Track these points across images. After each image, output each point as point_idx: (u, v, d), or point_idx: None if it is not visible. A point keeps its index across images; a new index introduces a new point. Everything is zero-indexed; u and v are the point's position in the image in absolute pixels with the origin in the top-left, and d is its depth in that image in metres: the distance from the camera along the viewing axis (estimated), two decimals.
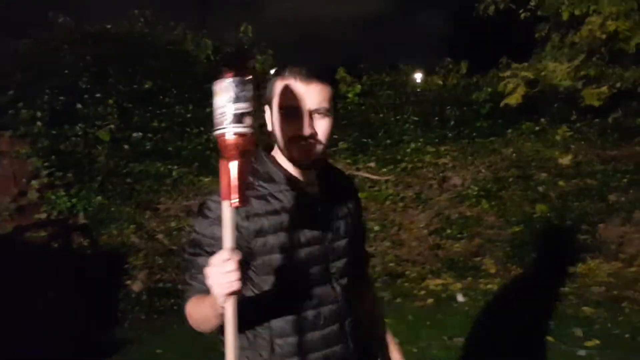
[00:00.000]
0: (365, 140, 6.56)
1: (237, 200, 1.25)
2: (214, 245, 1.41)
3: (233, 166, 1.26)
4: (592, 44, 5.34)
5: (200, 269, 1.38)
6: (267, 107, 1.52)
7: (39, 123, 5.78)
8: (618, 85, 5.51)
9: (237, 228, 1.36)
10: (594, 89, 5.49)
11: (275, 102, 1.49)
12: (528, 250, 6.40)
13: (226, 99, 1.25)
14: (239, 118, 1.25)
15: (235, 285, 1.24)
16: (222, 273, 1.25)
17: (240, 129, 1.25)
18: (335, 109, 1.53)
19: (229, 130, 1.25)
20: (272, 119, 1.51)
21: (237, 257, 1.25)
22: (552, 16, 5.83)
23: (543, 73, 5.50)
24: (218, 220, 1.38)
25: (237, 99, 1.24)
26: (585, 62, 5.49)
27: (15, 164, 5.83)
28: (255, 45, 7.22)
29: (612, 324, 4.54)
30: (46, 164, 5.83)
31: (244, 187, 1.28)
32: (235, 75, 1.25)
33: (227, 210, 1.27)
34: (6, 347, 4.56)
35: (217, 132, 1.27)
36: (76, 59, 6.03)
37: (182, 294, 1.50)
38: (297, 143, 1.48)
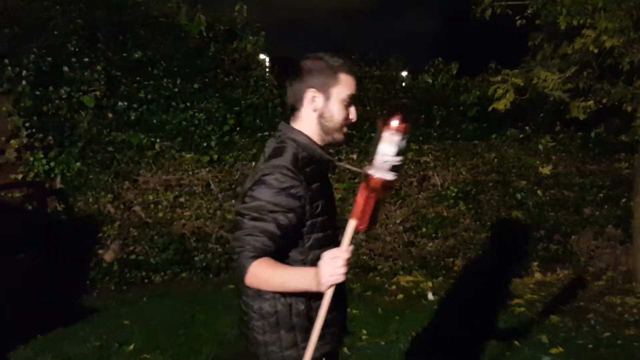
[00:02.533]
0: (349, 131, 6.53)
1: (364, 226, 1.58)
2: (277, 212, 1.65)
3: (373, 201, 1.55)
4: (584, 57, 5.38)
5: (264, 232, 1.64)
6: (319, 93, 1.79)
7: (23, 82, 5.63)
8: (604, 100, 5.57)
9: (299, 195, 1.69)
10: (580, 102, 5.55)
11: (341, 91, 1.81)
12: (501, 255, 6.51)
13: (392, 150, 1.51)
14: (395, 168, 1.53)
15: (342, 278, 1.53)
16: (335, 267, 1.52)
17: (392, 177, 1.53)
18: None
19: (386, 175, 1.53)
20: (330, 104, 1.80)
21: (348, 256, 1.54)
22: (547, 26, 5.87)
23: (534, 81, 5.53)
24: (283, 191, 1.66)
25: (398, 153, 1.52)
26: (576, 74, 5.54)
27: None
28: (249, 26, 7.13)
29: (576, 334, 4.67)
30: (27, 124, 5.70)
31: (374, 218, 1.59)
32: (404, 132, 1.52)
33: (352, 227, 1.58)
34: None
35: (377, 174, 1.53)
36: (67, 20, 5.86)
37: (240, 251, 1.66)
38: (346, 126, 1.87)
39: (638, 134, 5.57)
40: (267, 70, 7.02)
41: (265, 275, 1.63)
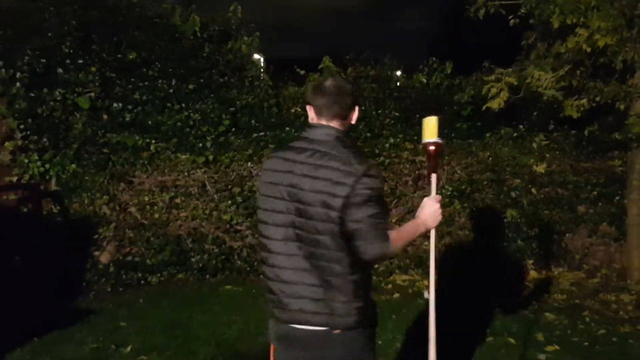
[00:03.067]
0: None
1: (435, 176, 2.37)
2: (381, 196, 2.11)
3: (438, 159, 2.41)
4: (577, 56, 5.41)
5: (385, 213, 2.10)
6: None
7: (18, 84, 5.64)
8: (597, 99, 5.60)
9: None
10: (574, 101, 5.58)
11: None
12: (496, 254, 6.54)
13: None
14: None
15: (440, 219, 2.27)
16: (437, 211, 2.25)
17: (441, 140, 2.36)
18: None
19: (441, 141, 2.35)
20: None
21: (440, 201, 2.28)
22: (541, 25, 5.90)
23: (527, 80, 5.56)
24: (382, 180, 2.22)
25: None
26: (569, 73, 5.56)
27: None
28: (243, 27, 7.13)
29: (572, 331, 4.69)
30: (22, 126, 5.72)
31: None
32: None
33: (434, 179, 2.35)
34: None
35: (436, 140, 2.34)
36: (61, 22, 5.86)
37: (382, 232, 2.02)
38: None
39: (631, 132, 5.60)
40: (262, 70, 7.04)
41: (399, 240, 2.11)
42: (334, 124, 2.14)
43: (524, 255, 6.55)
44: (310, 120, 2.20)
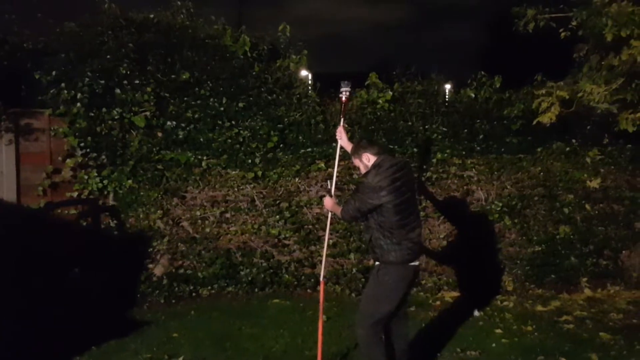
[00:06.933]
0: (392, 147, 6.58)
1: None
2: (369, 198, 3.59)
3: None
4: (632, 69, 5.27)
5: (363, 203, 3.60)
6: None
7: (78, 104, 5.93)
8: None
9: None
10: (629, 114, 5.43)
11: None
12: (547, 271, 6.39)
13: None
14: None
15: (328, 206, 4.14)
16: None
17: None
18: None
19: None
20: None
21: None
22: (593, 37, 5.77)
23: (579, 94, 5.44)
24: (374, 189, 3.58)
25: None
26: (623, 86, 5.41)
27: (53, 142, 6.02)
28: (292, 45, 7.26)
29: (628, 353, 4.53)
30: (82, 144, 5.99)
31: None
32: None
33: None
34: (30, 316, 4.73)
35: None
36: (118, 45, 6.15)
37: (356, 206, 3.68)
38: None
39: None
40: (310, 87, 7.12)
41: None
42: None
43: (578, 273, 6.37)
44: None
